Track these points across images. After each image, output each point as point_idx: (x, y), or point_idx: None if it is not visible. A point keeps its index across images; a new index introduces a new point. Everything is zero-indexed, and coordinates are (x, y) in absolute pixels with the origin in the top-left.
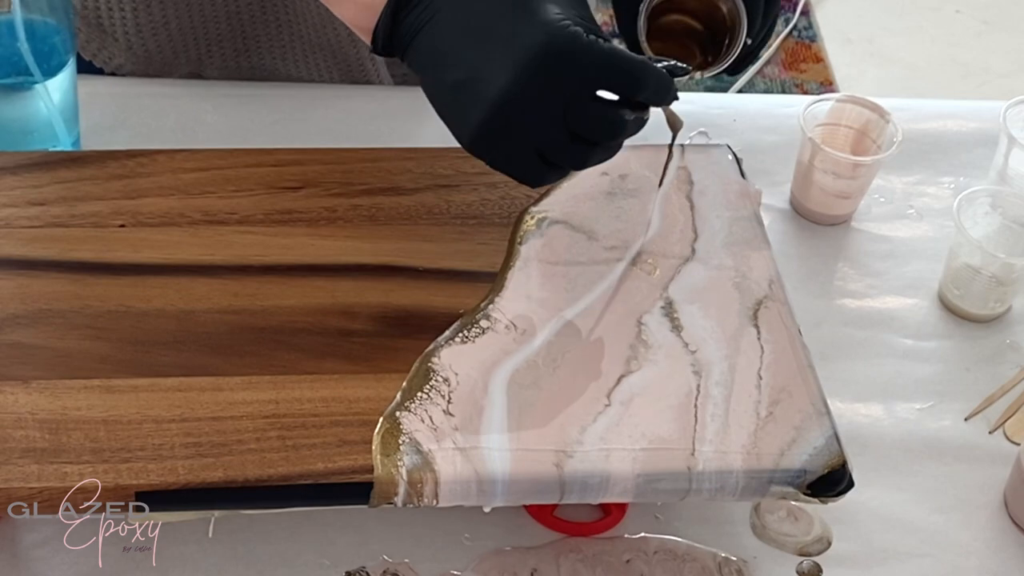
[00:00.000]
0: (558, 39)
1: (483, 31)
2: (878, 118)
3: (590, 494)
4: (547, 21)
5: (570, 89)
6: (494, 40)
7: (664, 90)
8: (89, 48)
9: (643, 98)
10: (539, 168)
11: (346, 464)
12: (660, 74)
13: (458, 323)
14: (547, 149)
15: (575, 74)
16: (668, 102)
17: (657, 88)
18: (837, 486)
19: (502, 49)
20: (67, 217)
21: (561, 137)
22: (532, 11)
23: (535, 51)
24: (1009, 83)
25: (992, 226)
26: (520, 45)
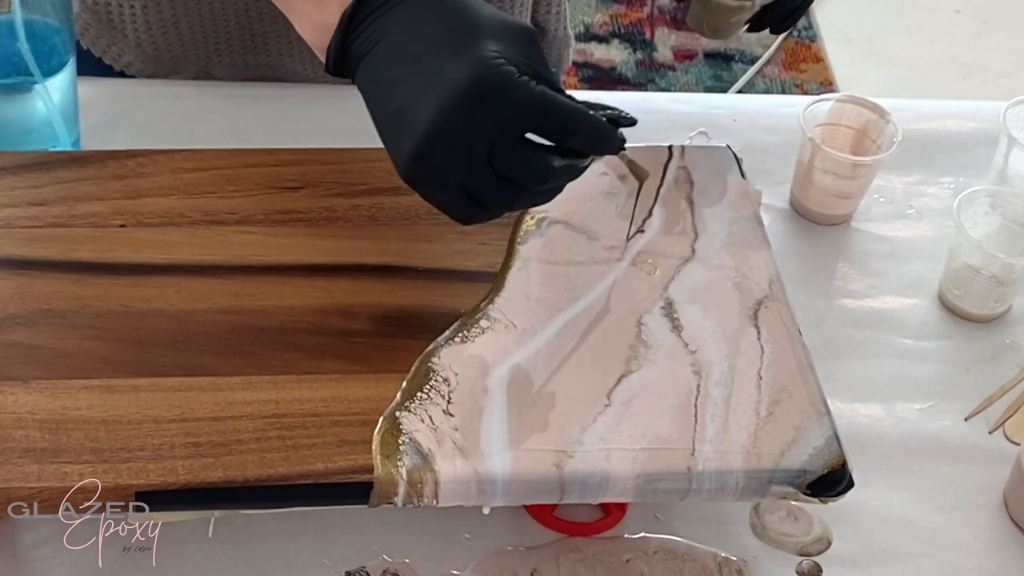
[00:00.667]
0: (486, 77)
1: (418, 63)
2: (878, 118)
3: (590, 494)
4: (479, 58)
5: (495, 128)
6: (427, 72)
7: (601, 139)
8: (99, 44)
9: (575, 145)
10: (467, 206)
11: (346, 464)
12: (595, 123)
13: (458, 323)
14: (473, 188)
15: (500, 114)
16: (608, 152)
17: (592, 137)
18: (837, 486)
19: (432, 82)
20: (67, 217)
21: (486, 176)
22: (466, 46)
23: (461, 87)
24: (1009, 83)
25: (992, 226)
26: (448, 80)
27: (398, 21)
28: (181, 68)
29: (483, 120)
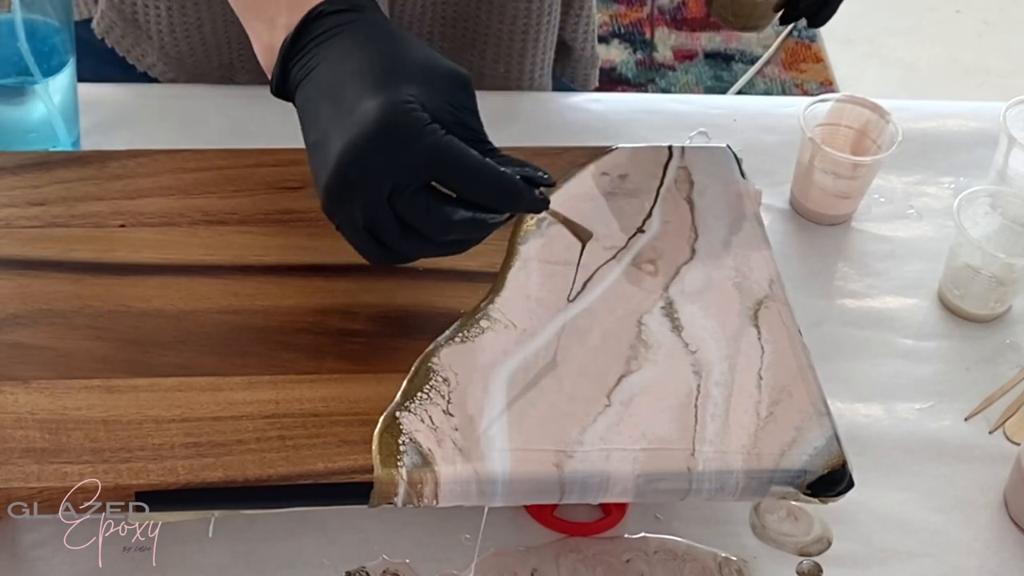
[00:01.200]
0: (392, 120)
1: (338, 96)
2: (878, 118)
3: (590, 494)
4: (390, 100)
5: (397, 172)
6: (344, 107)
7: (508, 197)
8: (123, 44)
9: (480, 200)
10: (374, 247)
11: (346, 464)
12: (502, 179)
13: (458, 323)
14: (376, 230)
15: (402, 158)
16: (520, 210)
17: (497, 193)
18: (837, 486)
19: (346, 117)
20: (67, 217)
21: (388, 220)
22: (384, 85)
23: (367, 127)
24: (1009, 83)
25: (992, 226)
26: (358, 117)
27: (332, 51)
28: (204, 73)
29: (385, 162)
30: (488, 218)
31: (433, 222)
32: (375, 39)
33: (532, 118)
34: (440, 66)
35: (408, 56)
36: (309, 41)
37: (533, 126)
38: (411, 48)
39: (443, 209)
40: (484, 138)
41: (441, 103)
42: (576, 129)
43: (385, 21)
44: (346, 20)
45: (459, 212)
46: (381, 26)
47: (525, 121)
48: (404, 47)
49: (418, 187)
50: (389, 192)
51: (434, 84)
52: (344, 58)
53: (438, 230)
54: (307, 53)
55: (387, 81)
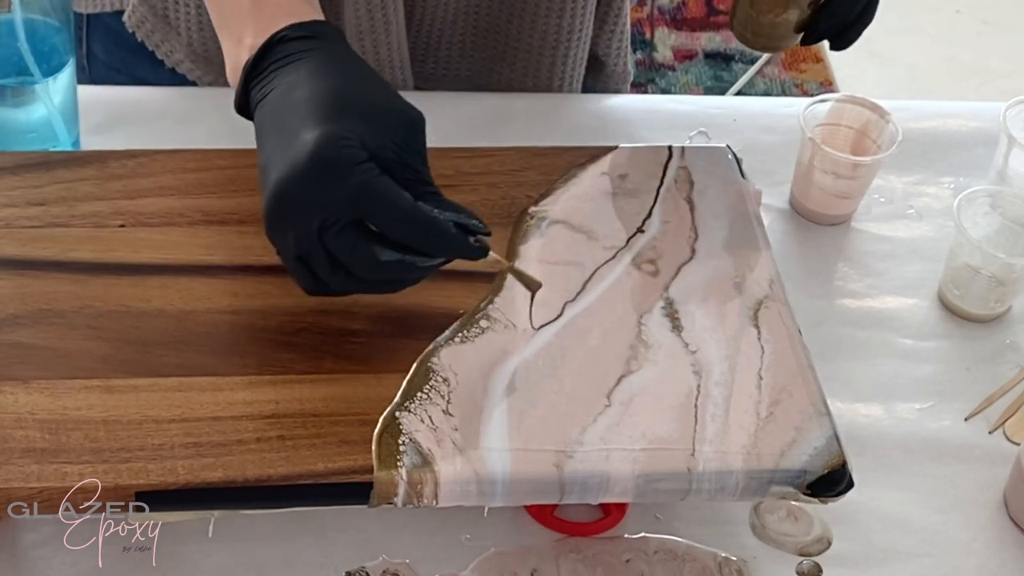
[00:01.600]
0: (324, 154)
1: (284, 123)
2: (878, 118)
3: (590, 494)
4: (328, 134)
5: (326, 207)
6: (287, 135)
7: (439, 243)
8: (153, 39)
9: (409, 244)
10: (308, 278)
11: (346, 464)
12: (432, 226)
13: (458, 323)
14: (308, 261)
15: (331, 194)
16: (454, 256)
17: (426, 239)
18: (837, 486)
19: (286, 146)
20: (67, 217)
21: (319, 253)
22: (325, 119)
23: (301, 159)
24: (1009, 83)
25: (992, 226)
26: (295, 148)
27: (287, 77)
28: None
29: (314, 197)
30: (418, 261)
31: (359, 261)
32: (330, 70)
33: (532, 118)
34: (391, 104)
35: (358, 91)
36: (269, 64)
37: (533, 126)
38: (364, 83)
39: (370, 248)
40: (427, 180)
41: (385, 141)
42: (576, 129)
43: (346, 52)
44: (306, 47)
45: (387, 253)
46: (340, 57)
47: (525, 121)
48: (357, 81)
49: (346, 224)
50: (318, 226)
51: (381, 121)
52: (296, 86)
53: (364, 269)
54: (266, 76)
55: (330, 114)
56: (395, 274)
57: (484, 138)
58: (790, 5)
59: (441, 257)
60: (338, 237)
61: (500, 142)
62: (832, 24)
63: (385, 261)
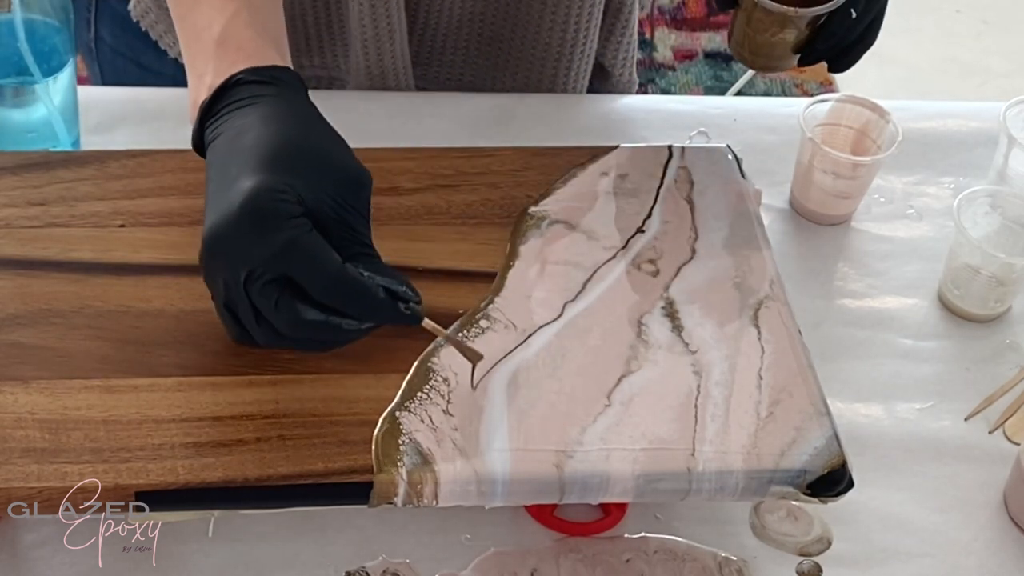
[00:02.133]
0: (254, 206)
1: (225, 169)
2: (878, 118)
3: (590, 494)
4: (261, 185)
5: (252, 259)
6: (226, 180)
7: (364, 307)
8: (156, 29)
9: (336, 306)
10: (233, 325)
11: (346, 464)
12: (357, 287)
13: (458, 323)
14: (235, 310)
15: (257, 247)
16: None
17: (352, 302)
18: (837, 486)
19: (223, 192)
20: (67, 217)
21: (244, 304)
22: (263, 169)
23: (232, 207)
24: (1009, 83)
25: (992, 226)
26: (229, 195)
27: (237, 121)
28: None
29: (241, 248)
30: (343, 323)
31: (281, 317)
32: (280, 118)
33: (532, 118)
34: (337, 160)
35: (305, 143)
36: (224, 106)
37: (533, 126)
38: (314, 135)
39: (294, 306)
40: (365, 241)
41: (324, 197)
42: (576, 129)
43: (302, 101)
44: (261, 93)
45: (311, 312)
46: (294, 105)
47: (525, 121)
48: (305, 132)
49: (271, 279)
50: (244, 277)
51: (323, 176)
52: (244, 131)
53: (286, 326)
54: (220, 117)
55: (270, 164)
56: (320, 334)
57: (484, 138)
58: (787, 25)
59: (367, 322)
60: (262, 291)
61: (500, 142)
62: (830, 46)
63: (308, 320)
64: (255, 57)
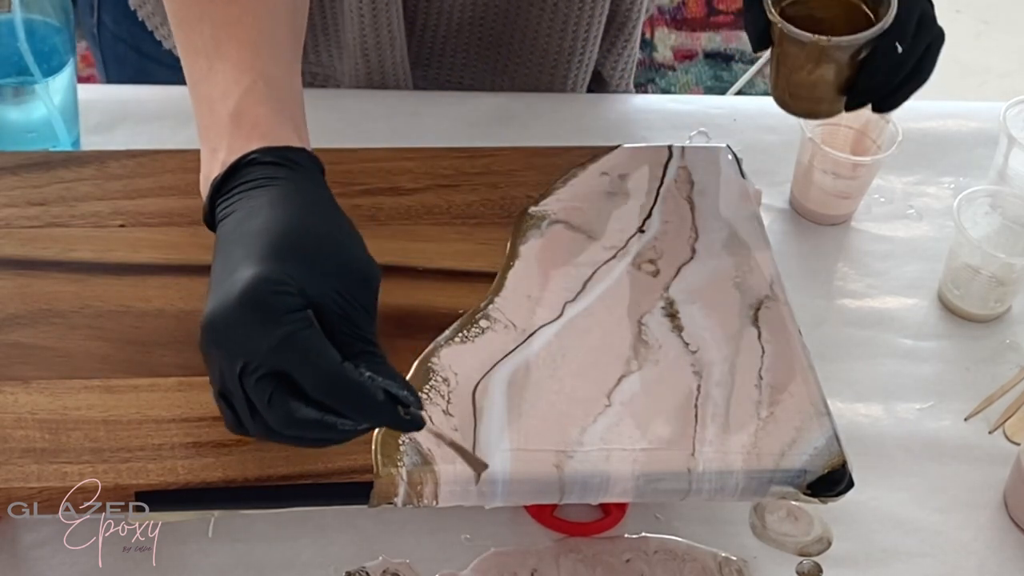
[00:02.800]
0: (253, 299)
1: (230, 253)
2: (878, 118)
3: (590, 494)
4: (262, 276)
5: (246, 353)
6: (227, 267)
7: (361, 409)
8: (153, 20)
9: (333, 406)
10: (229, 415)
11: (346, 464)
12: (355, 388)
13: (458, 323)
14: (229, 399)
15: (253, 340)
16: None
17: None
18: (837, 486)
19: (224, 280)
20: (67, 217)
21: (239, 396)
22: (265, 258)
23: (229, 298)
24: (1009, 83)
25: (992, 226)
26: (228, 285)
27: (247, 203)
28: None
29: (237, 339)
30: (339, 423)
31: (274, 414)
32: (290, 204)
33: (532, 118)
34: (345, 252)
35: (313, 233)
36: (236, 185)
37: (533, 126)
38: (323, 224)
39: (288, 403)
40: (369, 339)
41: (328, 291)
42: (576, 129)
43: (315, 186)
44: (273, 175)
45: (304, 410)
46: (306, 191)
47: (525, 121)
48: (315, 221)
49: (266, 373)
50: (240, 368)
51: (329, 269)
52: (252, 215)
53: (279, 422)
54: (231, 196)
55: (273, 253)
56: (314, 432)
57: (484, 138)
58: (823, 59)
59: (365, 424)
60: (257, 385)
61: (500, 142)
62: (875, 84)
63: (301, 419)
64: (270, 136)
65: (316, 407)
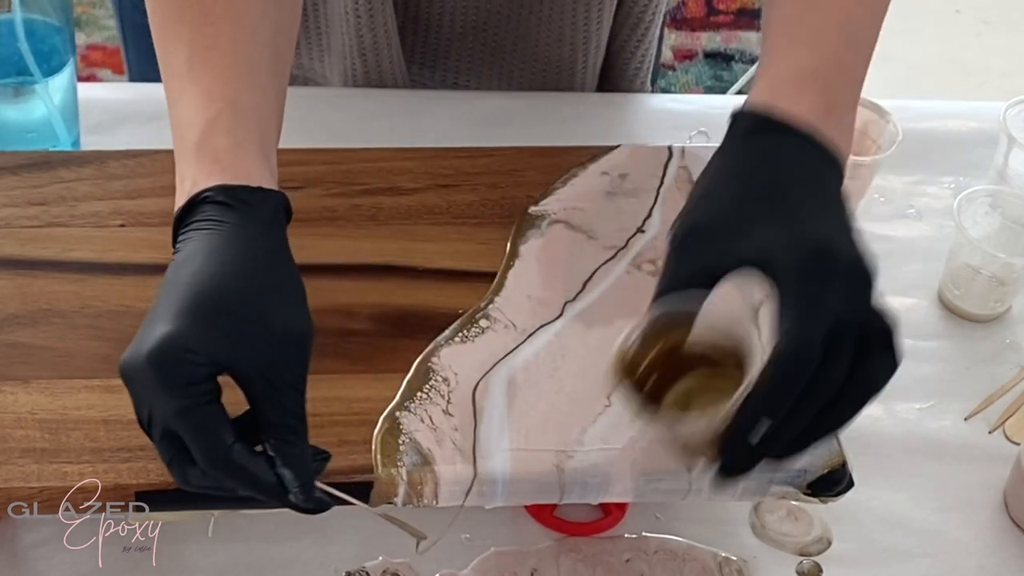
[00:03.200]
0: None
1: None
2: (878, 118)
3: (590, 494)
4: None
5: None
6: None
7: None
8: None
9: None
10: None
11: (346, 464)
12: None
13: (458, 323)
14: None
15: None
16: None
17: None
18: (837, 486)
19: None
20: (67, 217)
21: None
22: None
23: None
24: (1009, 83)
25: (992, 226)
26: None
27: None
28: None
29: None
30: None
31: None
32: (225, 258)
33: (532, 118)
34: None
35: (243, 293)
36: (189, 223)
37: (534, 126)
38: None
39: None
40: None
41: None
42: (576, 128)
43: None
44: (220, 218)
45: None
46: (247, 242)
47: (526, 121)
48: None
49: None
50: (147, 419)
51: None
52: (189, 261)
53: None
54: (184, 234)
55: (192, 313)
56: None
57: (484, 138)
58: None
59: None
60: (160, 441)
61: (500, 142)
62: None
63: (195, 483)
64: (228, 172)
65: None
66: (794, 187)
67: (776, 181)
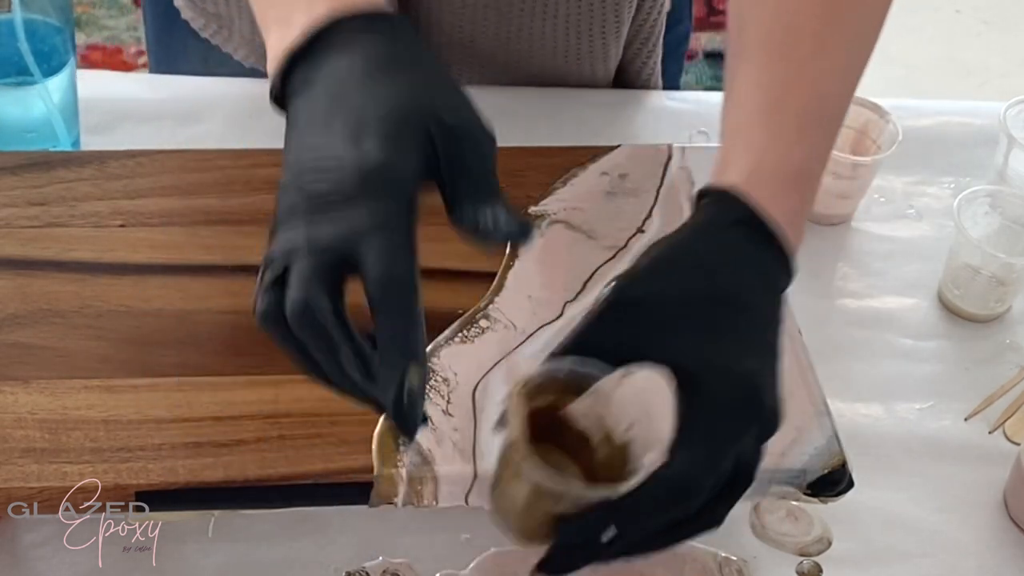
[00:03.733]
0: (372, 172)
1: (327, 121)
2: (878, 118)
3: None
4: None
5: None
6: (329, 134)
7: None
8: (219, 36)
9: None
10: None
11: (346, 464)
12: (407, 293)
13: (458, 323)
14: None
15: (345, 215)
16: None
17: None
18: (837, 486)
19: (327, 142)
20: (67, 217)
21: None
22: (379, 136)
23: (345, 162)
24: (1009, 83)
25: (992, 226)
26: (342, 150)
27: (333, 74)
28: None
29: (334, 209)
30: (343, 349)
31: (301, 290)
32: (390, 62)
33: (533, 117)
34: (460, 117)
35: (420, 104)
36: (322, 51)
37: (534, 124)
38: (428, 92)
39: (322, 290)
40: (487, 189)
41: (441, 162)
42: (576, 128)
43: (413, 44)
44: (365, 28)
45: (325, 303)
46: (403, 54)
47: (526, 119)
48: (420, 90)
49: (330, 247)
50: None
51: (444, 138)
52: (347, 85)
53: (296, 308)
54: (316, 63)
55: (384, 130)
56: (318, 343)
57: None
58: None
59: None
60: (315, 257)
61: (500, 142)
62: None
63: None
64: (354, 5)
65: (342, 326)
66: (744, 293)
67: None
